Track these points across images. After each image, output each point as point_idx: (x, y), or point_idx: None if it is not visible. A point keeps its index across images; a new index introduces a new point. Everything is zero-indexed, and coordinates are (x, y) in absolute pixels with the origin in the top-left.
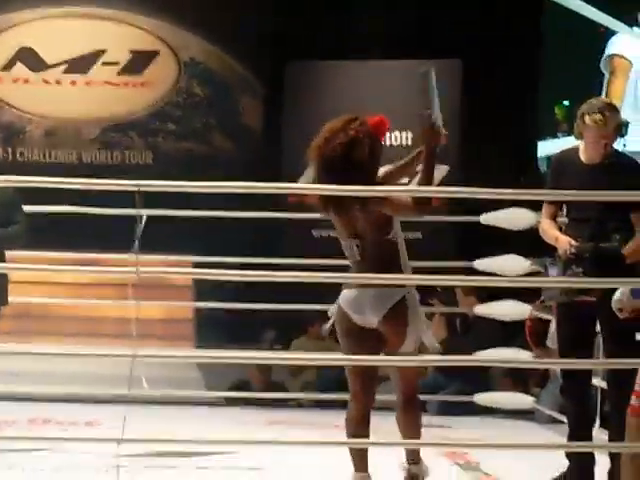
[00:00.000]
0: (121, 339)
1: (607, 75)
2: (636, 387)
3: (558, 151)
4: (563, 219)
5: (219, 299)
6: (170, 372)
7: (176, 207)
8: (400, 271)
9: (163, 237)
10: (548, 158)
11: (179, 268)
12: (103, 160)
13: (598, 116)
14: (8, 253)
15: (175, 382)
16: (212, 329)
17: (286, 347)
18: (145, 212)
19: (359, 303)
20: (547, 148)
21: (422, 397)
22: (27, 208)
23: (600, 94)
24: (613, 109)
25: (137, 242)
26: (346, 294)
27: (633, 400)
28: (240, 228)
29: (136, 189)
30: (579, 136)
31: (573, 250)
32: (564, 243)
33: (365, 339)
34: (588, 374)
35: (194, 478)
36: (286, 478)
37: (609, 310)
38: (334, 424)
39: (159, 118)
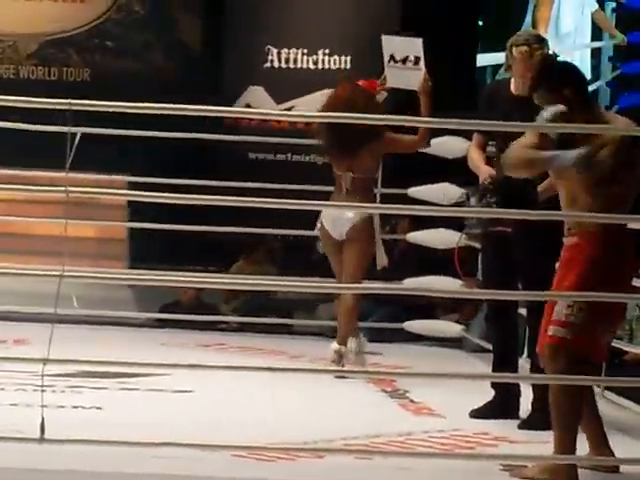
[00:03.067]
0: (52, 257)
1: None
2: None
3: (490, 81)
4: (492, 149)
5: (154, 220)
6: (101, 292)
7: (114, 126)
8: (374, 201)
9: (98, 156)
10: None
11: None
12: (40, 76)
13: (524, 48)
14: None
15: (106, 302)
16: (145, 249)
17: (222, 270)
18: (77, 130)
19: (334, 222)
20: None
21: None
22: None
23: None
24: (539, 41)
25: (68, 161)
26: (327, 212)
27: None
28: (176, 149)
29: (68, 107)
30: (508, 68)
31: (489, 180)
32: (484, 173)
33: (338, 247)
34: (514, 303)
35: (121, 400)
36: (214, 401)
37: (522, 240)
38: (258, 347)
39: (98, 35)
